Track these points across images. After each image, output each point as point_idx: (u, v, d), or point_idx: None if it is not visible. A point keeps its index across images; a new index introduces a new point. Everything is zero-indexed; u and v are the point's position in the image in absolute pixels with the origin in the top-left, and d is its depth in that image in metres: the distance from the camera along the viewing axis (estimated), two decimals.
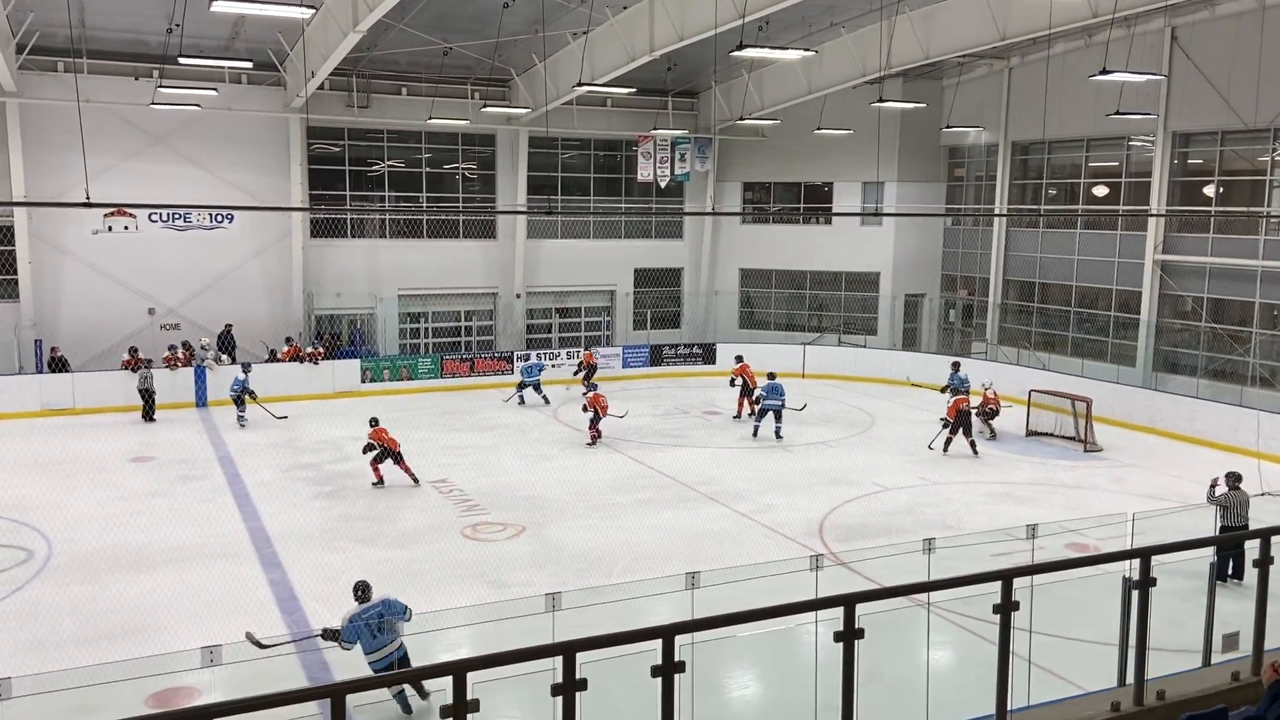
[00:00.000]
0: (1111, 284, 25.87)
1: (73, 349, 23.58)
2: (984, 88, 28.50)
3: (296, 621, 11.39)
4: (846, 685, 4.77)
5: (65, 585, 12.41)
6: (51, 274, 24.31)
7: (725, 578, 11.17)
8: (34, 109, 23.44)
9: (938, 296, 30.87)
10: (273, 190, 25.85)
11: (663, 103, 29.85)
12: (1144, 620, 5.66)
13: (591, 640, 4.17)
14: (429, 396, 25.20)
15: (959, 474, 18.29)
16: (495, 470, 18.27)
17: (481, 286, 29.41)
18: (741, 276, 32.16)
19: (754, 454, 19.61)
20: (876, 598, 5.06)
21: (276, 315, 26.41)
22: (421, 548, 13.96)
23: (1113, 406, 22.24)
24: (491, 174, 29.35)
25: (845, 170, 29.96)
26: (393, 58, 25.55)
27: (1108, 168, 26.52)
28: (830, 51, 24.84)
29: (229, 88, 24.57)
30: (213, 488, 16.92)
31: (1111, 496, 16.84)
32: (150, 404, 22.04)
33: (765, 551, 13.54)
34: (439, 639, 9.80)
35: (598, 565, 13.31)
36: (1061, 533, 13.29)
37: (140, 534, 14.19)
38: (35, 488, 16.48)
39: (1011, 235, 28.75)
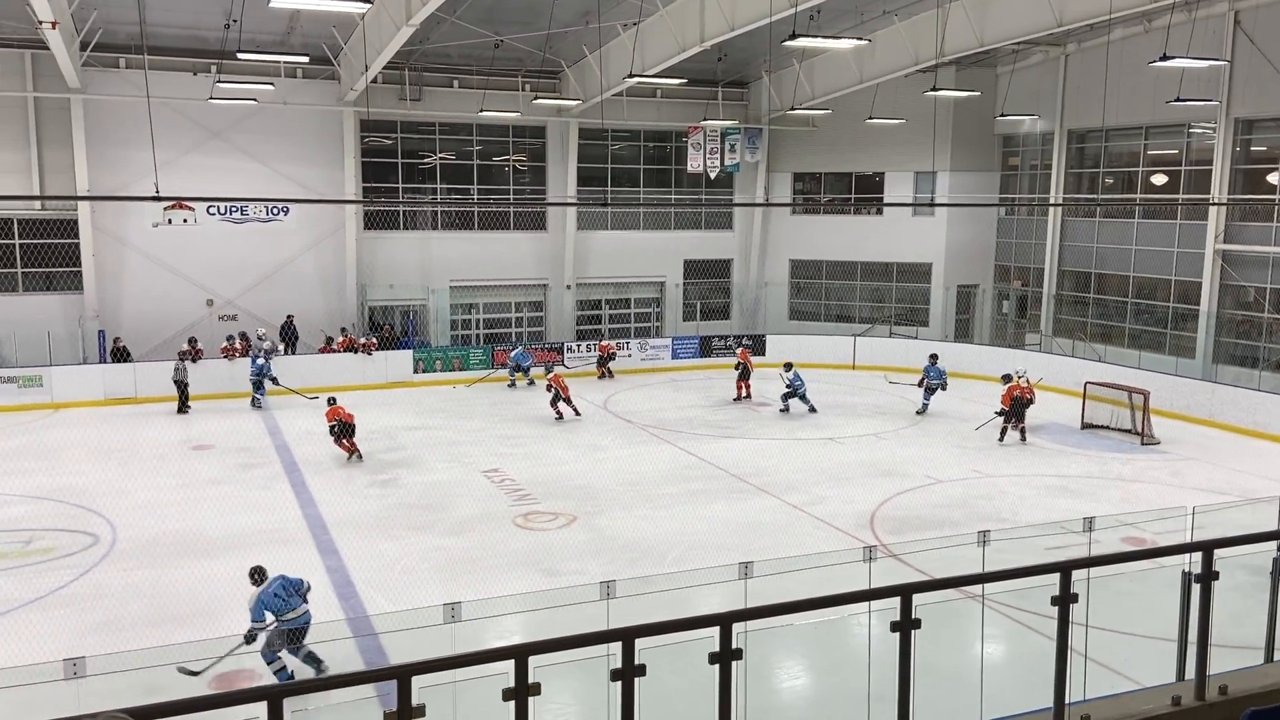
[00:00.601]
0: (1170, 274, 25.33)
1: (134, 339, 24.20)
2: (1040, 75, 28.01)
3: (353, 607, 11.62)
4: (903, 676, 4.77)
5: (130, 569, 12.78)
6: (114, 266, 24.95)
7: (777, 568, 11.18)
8: (96, 105, 24.06)
9: (991, 287, 30.45)
10: (327, 183, 26.27)
11: (713, 93, 29.77)
12: (1206, 614, 5.58)
13: (651, 626, 4.22)
14: (480, 386, 25.45)
15: (1012, 466, 18.07)
16: (547, 460, 18.43)
17: (532, 278, 29.62)
18: (791, 267, 32.01)
19: (805, 446, 19.55)
20: (935, 588, 5.05)
21: (331, 307, 26.86)
22: (475, 536, 14.15)
23: (1171, 399, 21.80)
24: (542, 165, 29.52)
25: (897, 160, 29.65)
26: (445, 51, 25.79)
27: (1167, 155, 25.94)
28: (883, 40, 24.58)
29: (285, 82, 24.99)
30: (271, 475, 17.29)
31: (1169, 491, 16.54)
32: (185, 396, 22.31)
33: (816, 543, 13.51)
34: (493, 625, 9.94)
35: (649, 555, 13.38)
36: (1118, 526, 13.08)
37: (202, 520, 14.56)
38: (100, 475, 16.97)
39: (1067, 225, 28.25)
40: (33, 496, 15.74)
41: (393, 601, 11.68)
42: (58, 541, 13.77)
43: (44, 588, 12.12)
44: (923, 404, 22.16)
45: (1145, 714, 5.13)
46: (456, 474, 17.38)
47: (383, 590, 12.16)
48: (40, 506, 15.31)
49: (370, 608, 11.59)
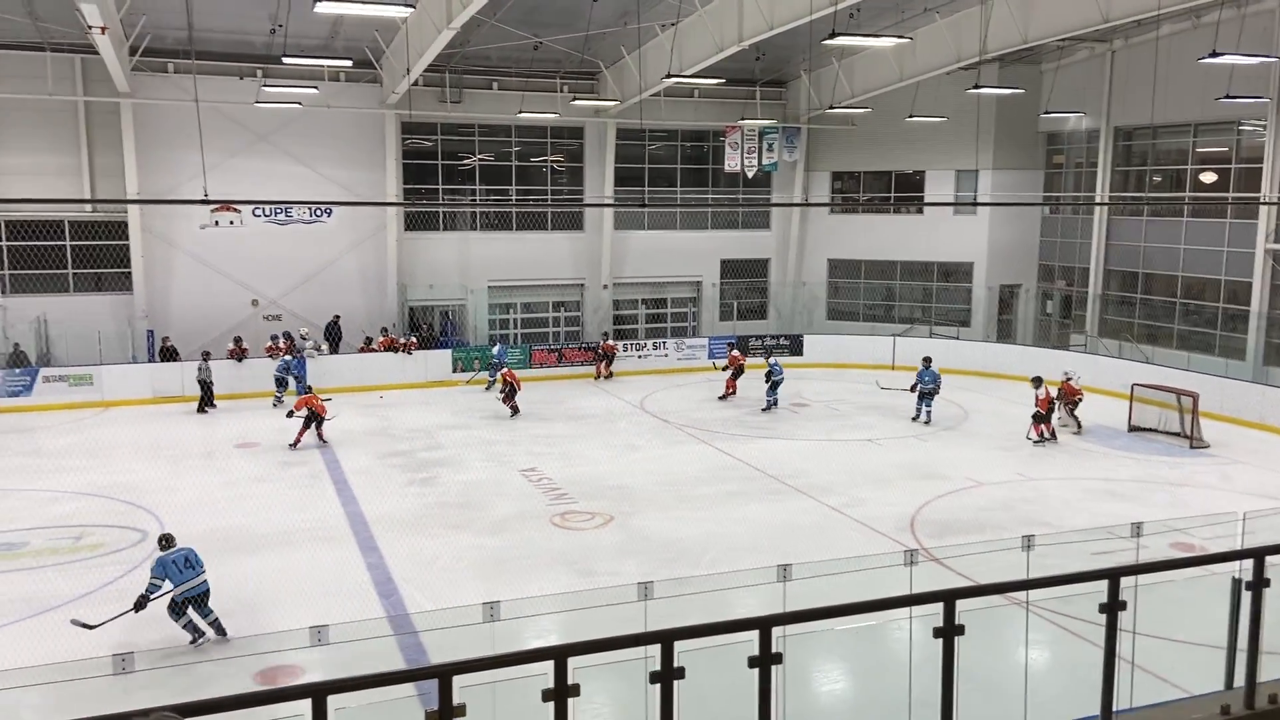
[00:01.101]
0: (1220, 274, 24.83)
1: (182, 339, 24.61)
2: (1085, 72, 27.58)
3: (394, 605, 11.72)
4: (946, 682, 4.71)
5: None
6: (162, 267, 25.41)
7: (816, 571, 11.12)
8: (145, 109, 24.51)
9: (1034, 287, 30.04)
10: (369, 185, 26.55)
11: (751, 92, 29.67)
12: (1257, 622, 5.45)
13: (689, 629, 4.21)
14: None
15: (1057, 470, 17.81)
16: (583, 460, 18.47)
17: (569, 278, 29.72)
18: (830, 267, 31.81)
19: (843, 447, 19.42)
20: (979, 594, 4.98)
21: (372, 307, 27.14)
22: (512, 535, 14.22)
23: (1220, 401, 21.36)
24: (579, 166, 29.60)
25: (938, 158, 29.35)
26: (484, 53, 25.94)
27: (1216, 153, 25.43)
28: (924, 37, 24.34)
29: (328, 85, 25.29)
30: (313, 474, 17.49)
31: (1219, 495, 16.21)
32: (208, 395, 22.50)
33: (855, 546, 13.41)
34: (530, 625, 9.97)
35: (685, 556, 13.36)
36: (1166, 531, 12.85)
37: (246, 517, 14.78)
38: (148, 472, 17.28)
39: (1113, 224, 27.80)
40: (83, 493, 16.06)
41: (432, 599, 11.77)
42: (107, 537, 14.04)
43: (93, 583, 12.36)
44: (922, 411, 21.17)
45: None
46: (494, 473, 17.48)
47: (422, 588, 12.25)
48: (90, 503, 15.61)
49: (410, 606, 11.68)
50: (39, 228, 24.72)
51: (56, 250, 24.87)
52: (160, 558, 10.57)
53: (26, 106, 23.73)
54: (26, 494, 16.14)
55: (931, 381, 21.21)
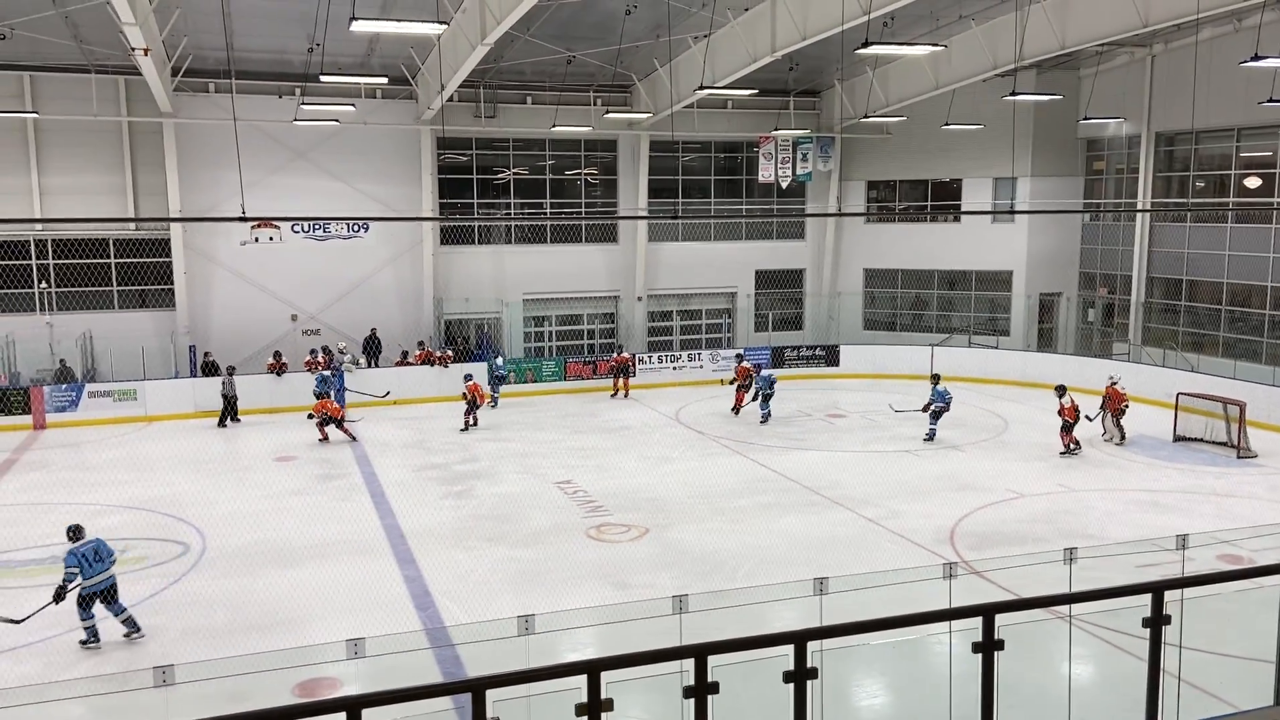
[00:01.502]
0: (1266, 280, 24.34)
1: (223, 354, 24.96)
2: (1125, 77, 27.22)
3: (430, 617, 11.76)
4: (986, 699, 4.64)
5: (217, 578, 13.14)
6: (203, 283, 25.82)
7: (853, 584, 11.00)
8: (187, 128, 24.96)
9: (1075, 295, 29.63)
10: (405, 200, 26.82)
11: (784, 103, 29.61)
12: None
13: (724, 644, 4.18)
14: (553, 399, 25.64)
15: (1100, 481, 17.51)
16: (618, 472, 18.46)
17: (603, 290, 29.78)
18: (866, 277, 31.61)
19: (880, 458, 19.24)
20: (1018, 608, 4.90)
21: (408, 320, 27.38)
22: (547, 547, 14.22)
23: (1269, 410, 20.90)
24: (613, 179, 29.70)
25: (975, 166, 29.09)
26: (518, 68, 26.14)
27: (1261, 158, 24.96)
28: (959, 45, 24.17)
29: (365, 103, 25.61)
30: (350, 486, 17.64)
31: (1268, 506, 15.84)
32: (231, 410, 22.75)
33: (893, 559, 13.26)
34: (565, 638, 9.96)
35: (721, 569, 13.29)
36: (1213, 544, 12.57)
37: (285, 530, 14.92)
38: (190, 485, 17.52)
39: (1156, 231, 27.37)
40: (127, 506, 16.31)
41: (468, 612, 11.80)
42: (150, 550, 14.24)
43: (137, 595, 12.52)
44: (930, 430, 20.52)
45: None
46: (529, 485, 17.51)
47: (458, 600, 12.29)
48: (134, 516, 15.85)
49: (447, 618, 11.72)
50: (84, 246, 25.24)
51: (101, 268, 25.37)
52: (71, 549, 10.78)
53: (72, 127, 24.26)
54: (72, 508, 16.37)
55: (941, 400, 20.44)
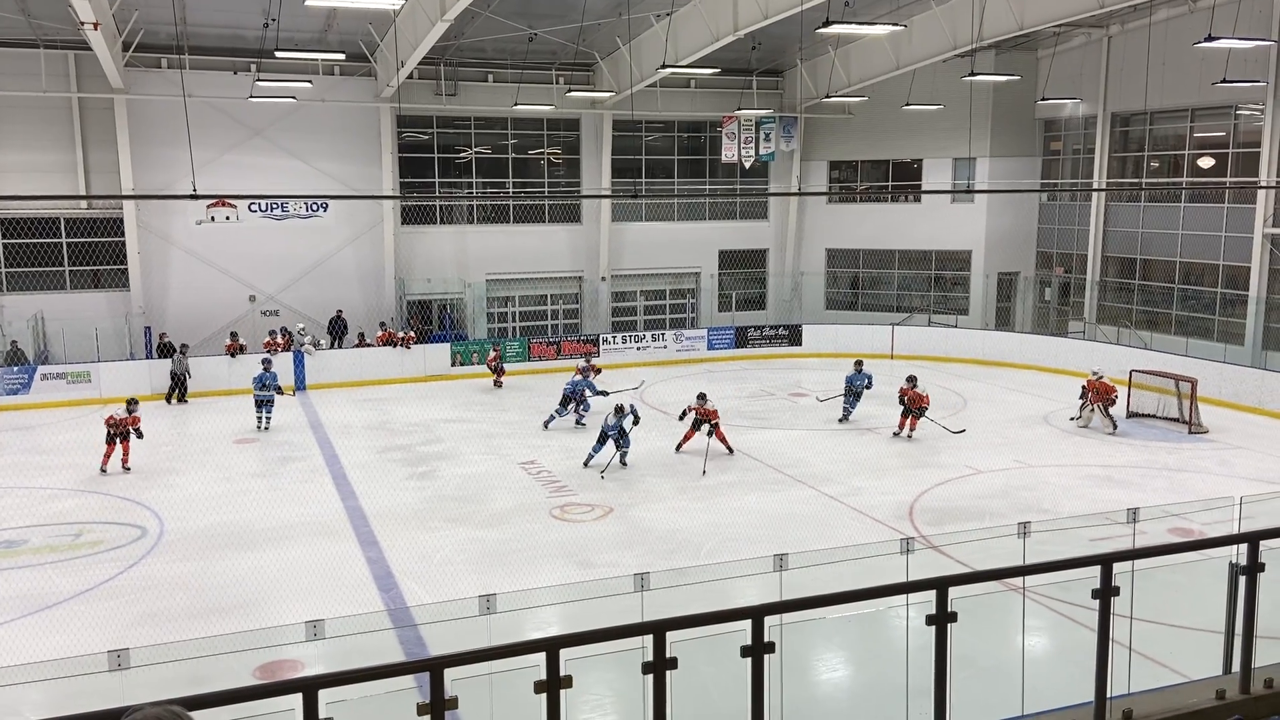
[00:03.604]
0: (1218, 259, 24.82)
1: (179, 335, 24.60)
2: (1081, 58, 27.52)
3: (393, 598, 11.73)
4: (939, 670, 4.72)
5: (176, 561, 13.00)
6: (159, 263, 25.38)
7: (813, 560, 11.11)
8: (139, 105, 24.45)
9: (1033, 274, 30.02)
10: (365, 179, 26.51)
11: (747, 82, 29.60)
12: (1251, 607, 5.46)
13: (682, 620, 4.21)
14: (516, 379, 25.56)
15: (1056, 456, 17.82)
16: (583, 452, 18.44)
17: (567, 270, 29.68)
18: (828, 256, 31.78)
19: (841, 436, 19.42)
20: (970, 581, 4.99)
21: (370, 301, 27.13)
22: (511, 528, 14.22)
23: (1219, 387, 21.37)
24: (576, 158, 29.55)
25: (935, 146, 29.30)
26: (479, 45, 25.87)
27: (1214, 138, 25.39)
28: (919, 25, 24.28)
29: (322, 80, 25.24)
30: (312, 468, 17.50)
31: (1217, 480, 16.22)
32: (180, 388, 22.75)
33: (854, 535, 13.42)
34: (529, 617, 9.99)
35: (685, 547, 13.37)
36: (1164, 517, 12.86)
37: (245, 513, 14.78)
38: (147, 468, 17.27)
39: (1111, 210, 27.77)
40: (82, 490, 16.08)
41: (431, 593, 11.79)
42: (106, 534, 14.05)
43: (93, 580, 12.37)
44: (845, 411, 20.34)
45: (1188, 708, 5.03)
46: (493, 466, 17.48)
47: (421, 581, 12.27)
48: (89, 500, 15.63)
49: (409, 599, 11.70)
50: (35, 225, 24.69)
51: (53, 248, 24.85)
52: None
53: (20, 104, 23.66)
54: (25, 491, 16.14)
55: (862, 382, 20.18)
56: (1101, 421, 19.51)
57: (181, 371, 22.66)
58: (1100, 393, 19.47)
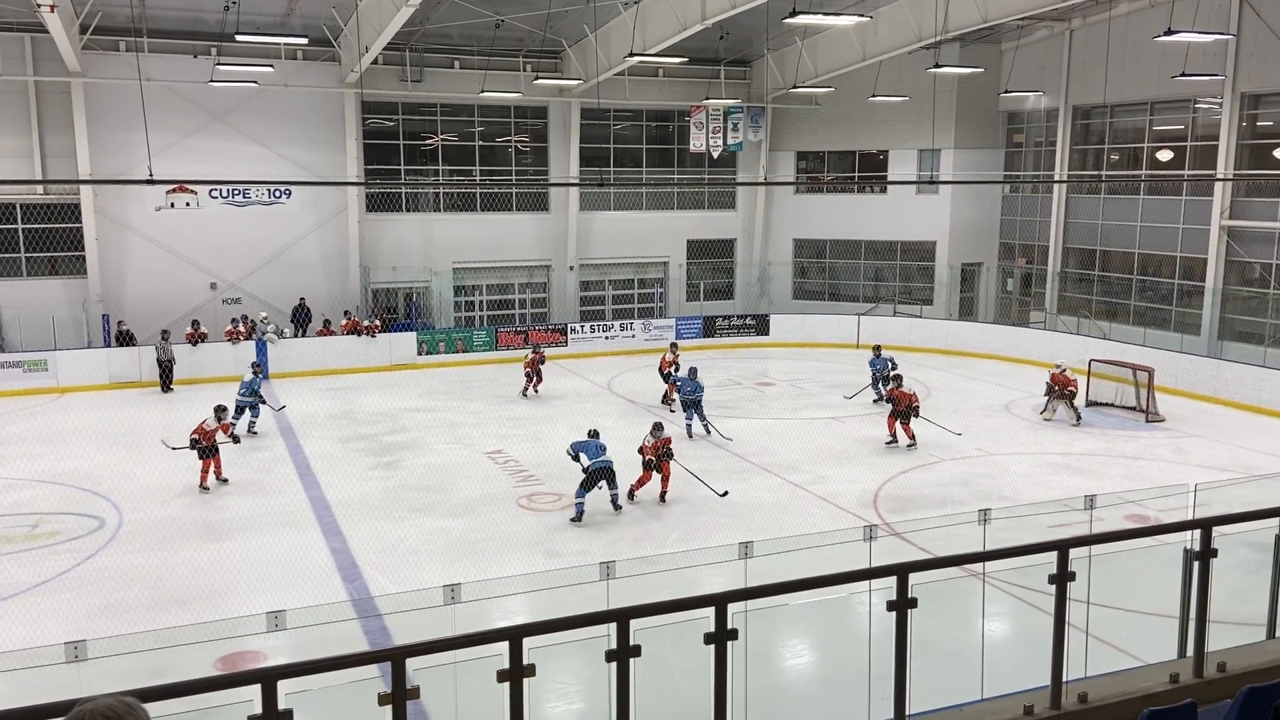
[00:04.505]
0: (1176, 251, 25.22)
1: (138, 323, 24.23)
2: (1044, 51, 27.79)
3: (358, 589, 11.66)
4: (899, 655, 4.77)
5: (135, 553, 12.84)
6: (117, 250, 24.96)
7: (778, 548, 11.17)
8: (97, 88, 23.99)
9: (995, 265, 30.34)
10: (329, 165, 26.20)
11: (715, 72, 29.59)
12: (1204, 592, 5.57)
13: (645, 608, 4.22)
14: (483, 369, 25.47)
15: (1016, 445, 18.05)
16: (550, 441, 18.38)
17: (535, 259, 29.57)
18: (795, 247, 31.91)
19: (808, 425, 19.54)
20: (930, 567, 5.04)
21: (334, 289, 26.85)
22: (477, 518, 14.18)
23: (1176, 376, 21.74)
24: (544, 146, 29.40)
25: (901, 138, 29.49)
26: (445, 31, 25.64)
27: (1173, 131, 25.75)
28: (885, 16, 24.38)
29: (285, 64, 24.89)
30: (274, 458, 17.33)
31: (1174, 467, 16.51)
32: (168, 375, 22.55)
33: (819, 522, 13.52)
34: (495, 606, 9.97)
35: (651, 536, 13.41)
36: (1121, 504, 13.08)
37: (206, 503, 14.63)
38: (105, 458, 17.03)
39: (1072, 202, 28.11)
40: (39, 480, 15.81)
41: (396, 583, 11.73)
42: (63, 525, 13.84)
43: (50, 571, 12.19)
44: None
45: (1143, 691, 5.12)
46: (459, 455, 17.41)
47: (386, 572, 12.21)
48: (46, 490, 15.37)
49: (374, 589, 11.63)
50: None
51: (8, 234, 24.33)
52: None
53: None
54: None
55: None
56: (1066, 413, 19.74)
57: (168, 359, 22.37)
58: (1061, 385, 19.73)
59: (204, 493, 15.22)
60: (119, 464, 16.73)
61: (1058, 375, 19.88)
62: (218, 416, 15.87)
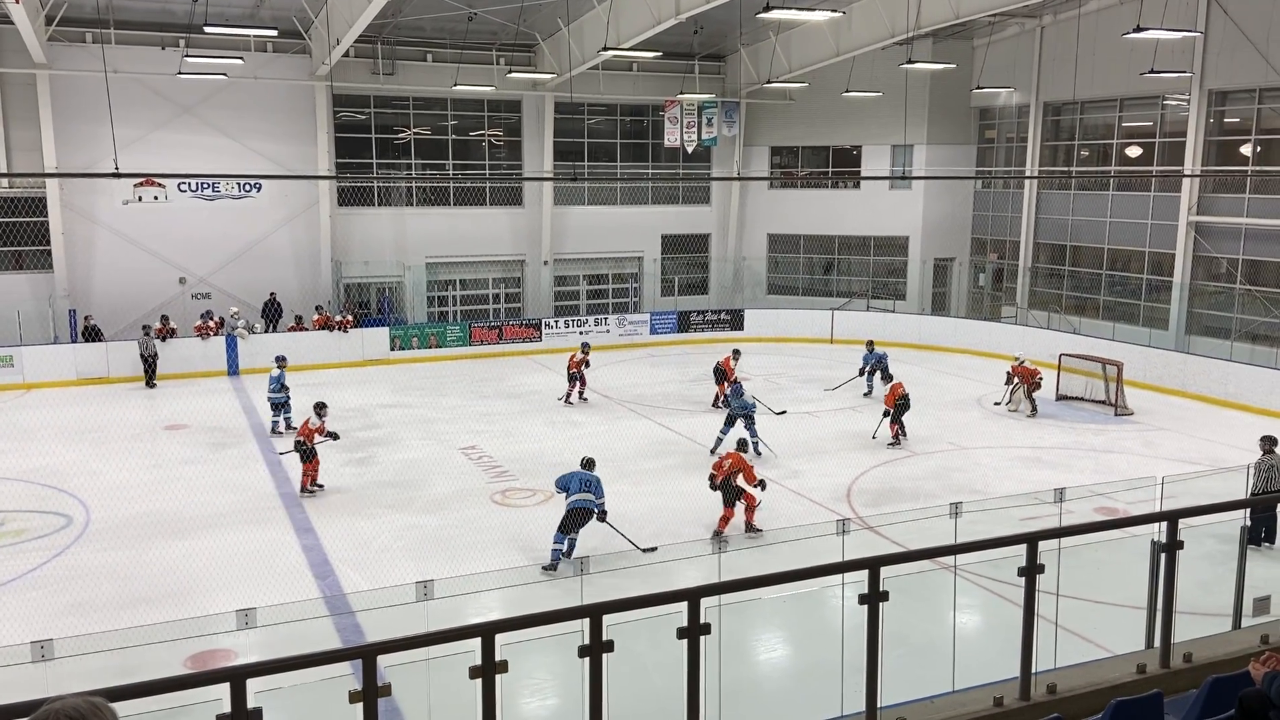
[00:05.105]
0: (1144, 246, 25.50)
1: (105, 318, 23.92)
2: (1015, 47, 28.00)
3: (330, 586, 11.59)
4: (871, 647, 4.80)
5: (103, 550, 12.68)
6: (84, 244, 24.61)
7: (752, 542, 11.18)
8: (63, 80, 23.62)
9: (967, 260, 30.56)
10: (300, 159, 25.97)
11: (689, 67, 29.58)
12: (1171, 583, 5.64)
13: (618, 603, 4.22)
14: (457, 364, 25.36)
15: (988, 439, 18.21)
16: (524, 437, 18.39)
17: (509, 254, 29.45)
18: (769, 242, 31.99)
19: (782, 420, 19.60)
20: (901, 560, 5.08)
21: (305, 284, 26.62)
22: (451, 514, 14.12)
23: (1144, 370, 22.01)
24: (518, 140, 29.28)
25: (874, 133, 29.61)
26: (417, 24, 25.46)
27: (1141, 128, 26.04)
28: (858, 12, 24.48)
29: (255, 56, 24.62)
30: (244, 455, 17.17)
31: (1142, 460, 16.72)
32: (151, 370, 22.42)
33: (793, 516, 13.58)
34: (470, 602, 9.93)
35: (627, 530, 13.37)
36: (1090, 497, 13.22)
37: (175, 500, 14.45)
38: (72, 455, 16.81)
39: (1043, 198, 28.36)
40: (4, 478, 15.58)
41: (369, 580, 11.66)
42: (30, 523, 13.65)
43: (16, 570, 12.02)
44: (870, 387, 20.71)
45: (1110, 682, 5.19)
46: (433, 451, 17.32)
47: (359, 569, 12.13)
48: (12, 488, 15.15)
49: (347, 586, 11.56)
50: None
51: None
52: None
53: None
54: None
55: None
56: (1024, 404, 19.93)
57: (150, 354, 22.13)
58: (1025, 376, 19.90)
59: (308, 495, 14.85)
60: (86, 461, 16.52)
61: (1019, 368, 20.05)
62: (318, 414, 15.37)
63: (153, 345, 22.38)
